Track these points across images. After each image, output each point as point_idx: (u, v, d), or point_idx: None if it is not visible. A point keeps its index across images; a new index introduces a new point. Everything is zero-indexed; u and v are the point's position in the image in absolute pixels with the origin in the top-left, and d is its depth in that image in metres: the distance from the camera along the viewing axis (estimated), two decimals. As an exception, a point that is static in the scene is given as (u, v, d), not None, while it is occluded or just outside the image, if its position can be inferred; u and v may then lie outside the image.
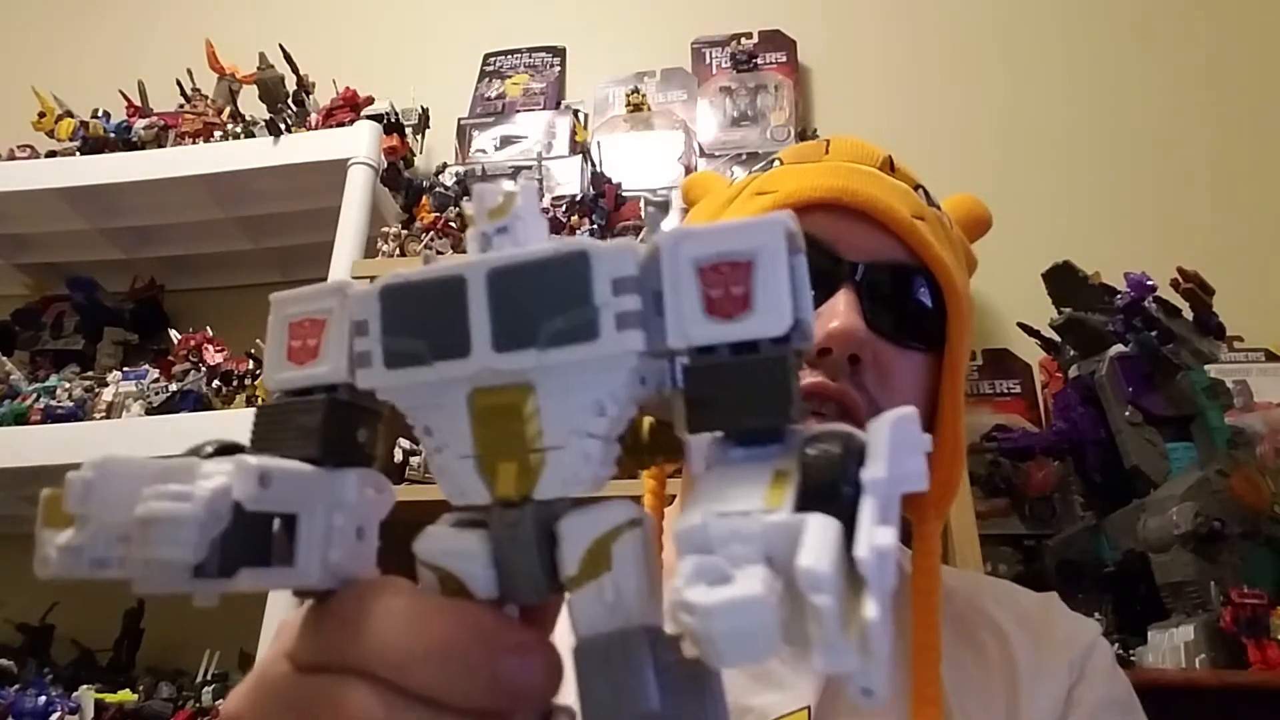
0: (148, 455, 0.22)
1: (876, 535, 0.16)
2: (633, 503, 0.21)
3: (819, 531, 0.16)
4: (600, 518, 0.21)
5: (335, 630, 0.22)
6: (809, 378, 0.53)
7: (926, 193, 0.63)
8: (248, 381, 1.36)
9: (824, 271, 0.56)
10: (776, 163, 0.66)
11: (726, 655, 0.16)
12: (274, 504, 0.21)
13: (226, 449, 0.22)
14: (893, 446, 0.17)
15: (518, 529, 0.21)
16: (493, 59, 1.86)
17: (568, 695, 0.21)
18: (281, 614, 1.14)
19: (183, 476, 0.20)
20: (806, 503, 0.18)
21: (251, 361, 1.36)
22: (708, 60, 1.76)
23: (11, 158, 1.65)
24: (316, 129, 1.57)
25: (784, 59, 1.73)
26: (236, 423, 1.29)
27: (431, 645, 0.20)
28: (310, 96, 1.63)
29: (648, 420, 0.25)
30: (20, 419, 1.36)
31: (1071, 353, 1.30)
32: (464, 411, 0.22)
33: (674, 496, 0.63)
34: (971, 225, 0.70)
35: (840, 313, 0.54)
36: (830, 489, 0.18)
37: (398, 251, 1.37)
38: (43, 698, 1.19)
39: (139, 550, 0.19)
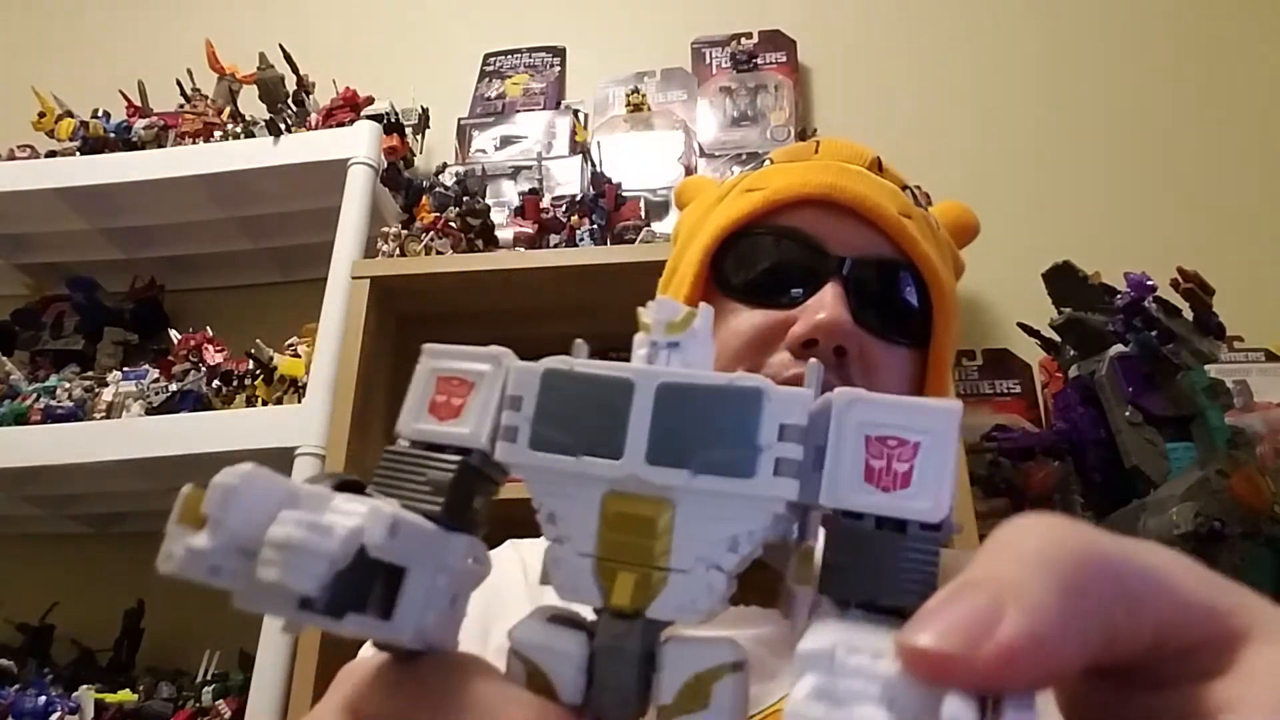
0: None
1: None
2: (739, 645, 0.21)
3: (961, 699, 0.16)
4: (707, 653, 0.20)
5: (410, 699, 0.21)
6: (792, 369, 0.54)
7: (914, 193, 0.64)
8: (248, 381, 1.36)
9: (812, 266, 0.57)
10: (768, 162, 0.67)
11: None
12: (393, 554, 0.20)
13: (346, 485, 0.22)
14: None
15: (624, 641, 0.21)
16: (493, 59, 1.86)
17: None
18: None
19: (314, 506, 0.20)
20: None
21: (251, 361, 1.36)
22: (708, 60, 1.76)
23: (11, 158, 1.65)
24: (316, 129, 1.57)
25: (784, 59, 1.73)
26: (237, 422, 1.29)
27: None
28: (310, 96, 1.63)
29: None
30: (20, 419, 1.36)
31: (1071, 353, 1.30)
32: (595, 510, 0.22)
33: None
34: (960, 231, 0.71)
35: (827, 304, 0.54)
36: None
37: (398, 251, 1.37)
38: (43, 698, 1.19)
39: (265, 571, 0.19)
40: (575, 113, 1.70)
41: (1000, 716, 0.16)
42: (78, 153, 1.62)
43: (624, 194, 1.44)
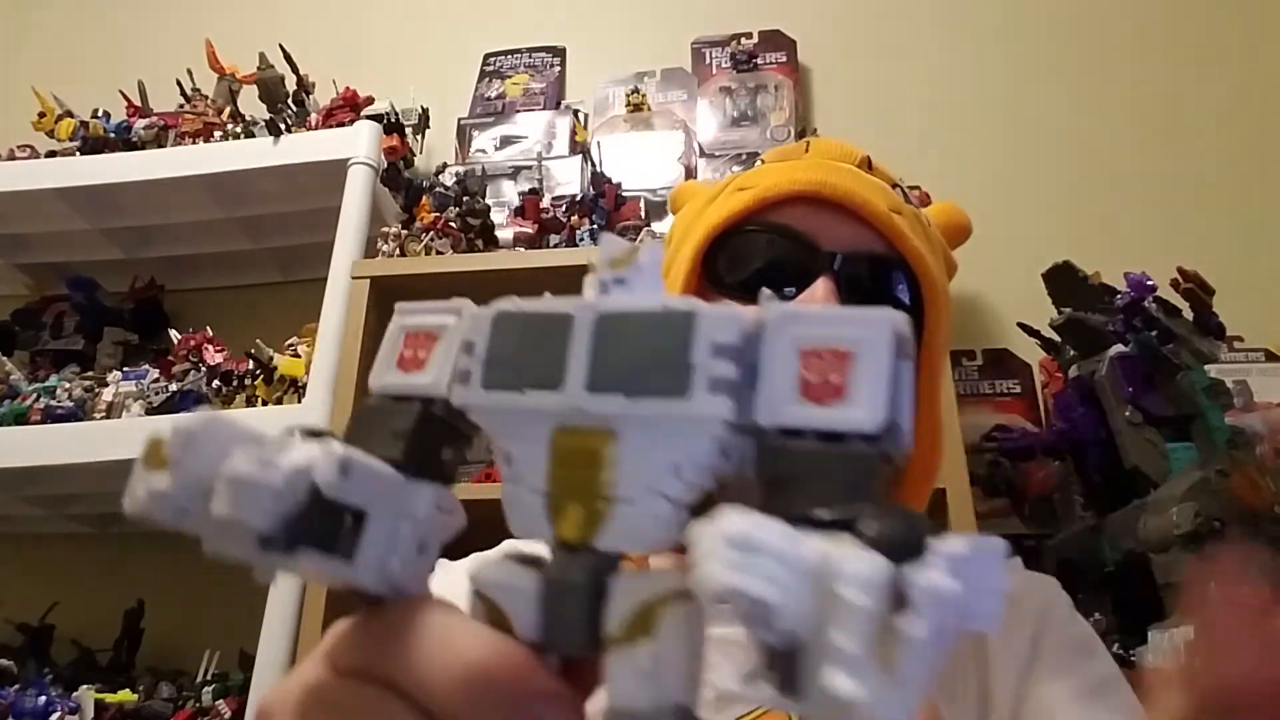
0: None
1: (937, 575, 0.15)
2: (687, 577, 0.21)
3: (871, 556, 0.16)
4: (655, 582, 0.20)
5: (376, 639, 0.22)
6: None
7: (904, 191, 0.65)
8: (248, 381, 1.36)
9: (803, 262, 0.58)
10: (759, 162, 0.68)
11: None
12: (350, 495, 0.21)
13: (316, 434, 0.22)
14: (967, 563, 0.16)
15: (570, 574, 0.21)
16: (493, 59, 1.86)
17: None
18: (282, 613, 1.14)
19: (273, 448, 0.21)
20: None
21: (251, 361, 1.36)
22: (708, 60, 1.76)
23: (11, 158, 1.65)
24: (316, 129, 1.57)
25: (784, 59, 1.73)
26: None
27: (461, 670, 0.20)
28: (310, 96, 1.63)
29: None
30: (20, 419, 1.36)
31: (1071, 353, 1.30)
32: (545, 448, 0.22)
33: None
34: (952, 231, 0.71)
35: (819, 298, 0.55)
36: (890, 546, 0.17)
37: (398, 252, 1.37)
38: (43, 698, 1.19)
39: (217, 505, 0.20)
40: (575, 113, 1.70)
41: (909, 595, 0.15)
42: (78, 153, 1.62)
43: (624, 194, 1.44)
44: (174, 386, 1.38)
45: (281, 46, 1.61)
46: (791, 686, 0.17)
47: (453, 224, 1.38)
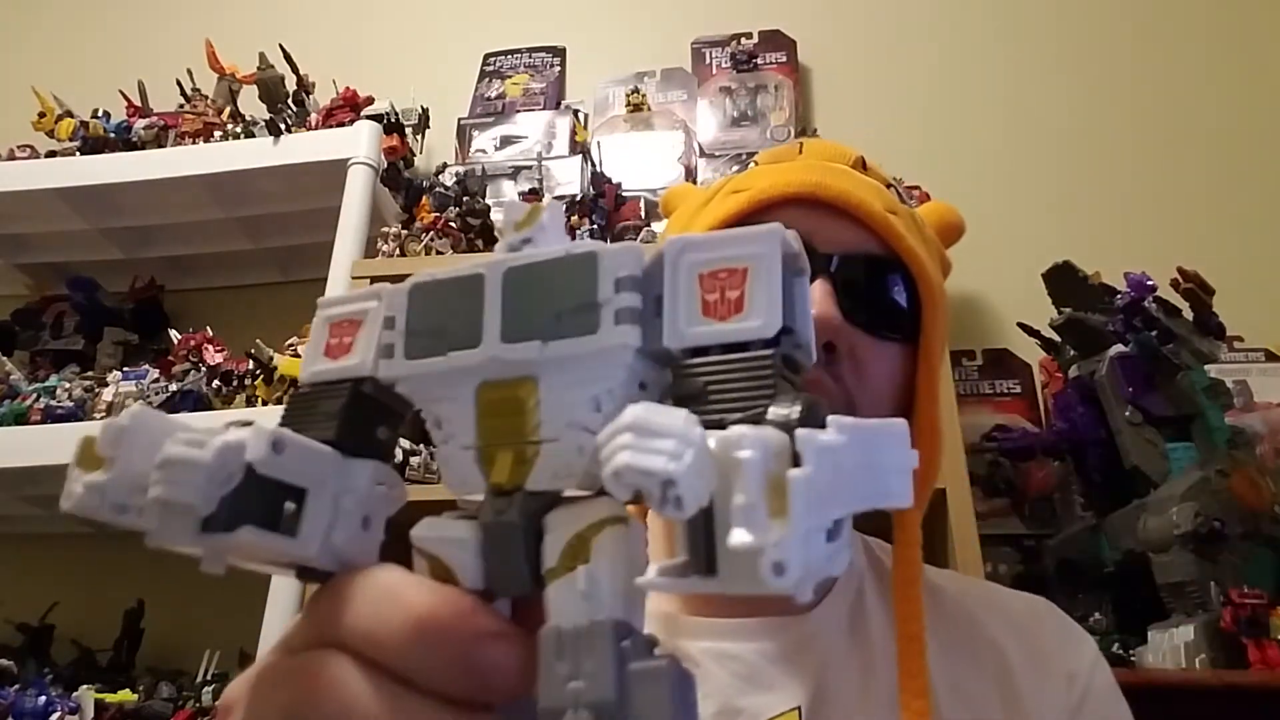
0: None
1: (824, 434, 0.17)
2: (619, 503, 0.20)
3: (761, 430, 0.17)
4: (585, 511, 0.21)
5: (324, 608, 0.22)
6: None
7: (899, 191, 0.64)
8: (248, 381, 1.36)
9: None
10: (753, 164, 0.67)
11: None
12: (285, 473, 0.21)
13: (247, 424, 0.23)
14: (864, 438, 0.18)
15: (506, 515, 0.21)
16: (493, 59, 1.86)
17: None
18: (282, 613, 1.14)
19: (205, 435, 0.21)
20: None
21: (251, 361, 1.35)
22: (708, 60, 1.76)
23: (11, 158, 1.65)
24: (316, 129, 1.57)
25: (784, 59, 1.73)
26: (236, 423, 1.29)
27: (406, 621, 0.21)
28: (310, 96, 1.63)
29: None
30: (20, 419, 1.36)
31: (1071, 353, 1.30)
32: (471, 404, 0.23)
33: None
34: (945, 231, 0.71)
35: (816, 301, 0.54)
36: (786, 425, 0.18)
37: (398, 251, 1.37)
38: (43, 698, 1.19)
39: (153, 490, 0.20)
40: (575, 113, 1.70)
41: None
42: (78, 153, 1.62)
43: (624, 194, 1.44)
44: (174, 386, 1.38)
45: (281, 46, 1.61)
46: (712, 567, 0.17)
47: (453, 224, 1.38)
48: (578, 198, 1.45)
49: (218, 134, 1.60)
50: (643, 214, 1.42)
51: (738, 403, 0.20)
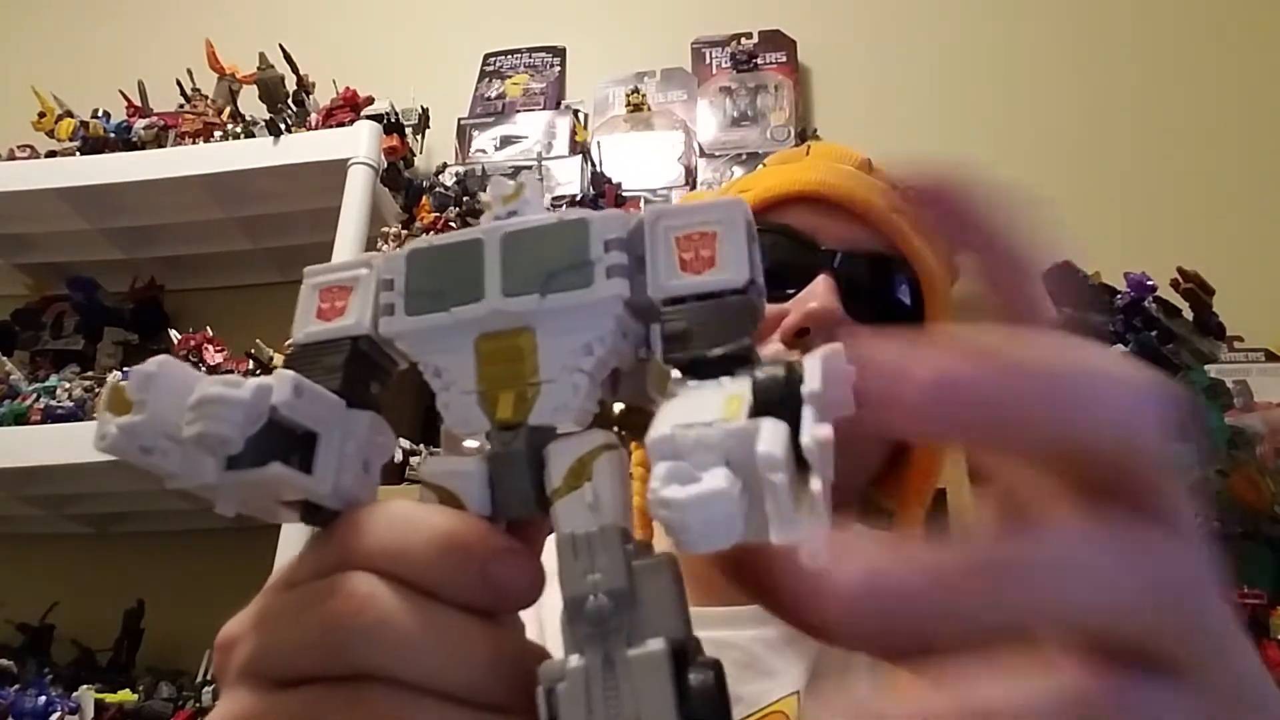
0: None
1: (817, 430, 0.19)
2: (610, 433, 0.24)
3: (772, 428, 0.20)
4: (583, 440, 0.24)
5: (337, 535, 0.24)
6: (785, 358, 0.54)
7: (905, 193, 0.64)
8: (248, 381, 1.36)
9: (804, 261, 0.58)
10: (762, 166, 0.69)
11: (699, 543, 0.19)
12: (302, 415, 0.23)
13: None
14: (825, 372, 0.21)
15: (512, 445, 0.24)
16: (493, 59, 1.86)
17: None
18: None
19: (232, 379, 0.23)
20: (757, 415, 0.21)
21: (251, 361, 1.36)
22: (708, 60, 1.76)
23: (11, 158, 1.65)
24: (316, 129, 1.57)
25: (784, 59, 1.73)
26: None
27: (432, 539, 0.23)
28: (310, 96, 1.63)
29: (618, 405, 0.28)
30: (20, 419, 1.36)
31: (1071, 353, 1.30)
32: (471, 353, 0.25)
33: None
34: None
35: (819, 294, 0.55)
36: (777, 403, 0.21)
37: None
38: (43, 698, 1.19)
39: (189, 429, 0.22)
40: (575, 113, 1.70)
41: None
42: (78, 153, 1.62)
43: (624, 194, 1.44)
44: (174, 386, 1.38)
45: (281, 46, 1.61)
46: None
47: (453, 224, 1.38)
48: (578, 197, 1.45)
49: (218, 134, 1.60)
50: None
51: (719, 338, 0.23)
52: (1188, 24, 1.69)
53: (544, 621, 0.29)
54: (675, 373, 0.24)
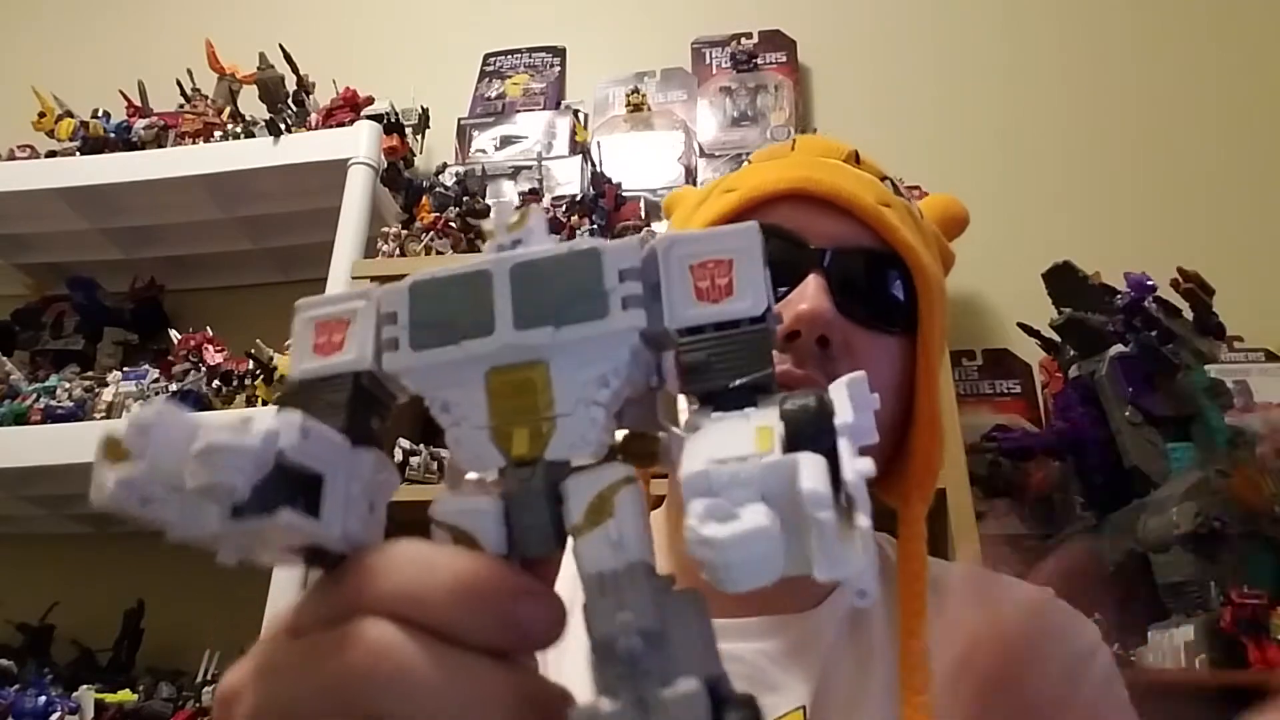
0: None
1: (857, 464, 0.19)
2: (627, 466, 0.23)
3: (813, 464, 0.19)
4: (602, 475, 0.23)
5: (348, 580, 0.23)
6: (776, 365, 0.53)
7: (894, 184, 0.63)
8: (248, 381, 1.36)
9: (793, 260, 0.56)
10: (747, 162, 0.67)
11: (740, 581, 0.19)
12: (308, 458, 0.22)
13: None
14: (854, 402, 0.21)
15: (530, 483, 0.23)
16: (493, 59, 1.86)
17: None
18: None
19: (236, 423, 0.22)
20: (791, 448, 0.20)
21: (251, 361, 1.35)
22: (708, 60, 1.76)
23: (11, 158, 1.65)
24: (316, 129, 1.57)
25: (784, 59, 1.73)
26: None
27: (449, 583, 0.22)
28: (310, 96, 1.63)
29: (620, 432, 0.27)
30: (20, 419, 1.36)
31: (1071, 353, 1.30)
32: (481, 388, 0.24)
33: (661, 497, 0.63)
34: (948, 223, 0.70)
35: (809, 296, 0.54)
36: (811, 435, 0.20)
37: (398, 251, 1.37)
38: (43, 698, 1.19)
39: (193, 480, 0.21)
40: (575, 113, 1.70)
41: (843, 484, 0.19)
42: (78, 153, 1.62)
43: (624, 194, 1.44)
44: (174, 386, 1.38)
45: (281, 46, 1.61)
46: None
47: (453, 224, 1.38)
48: (578, 198, 1.45)
49: (218, 134, 1.60)
50: (643, 214, 1.42)
51: (740, 368, 0.23)
52: (1187, 24, 1.69)
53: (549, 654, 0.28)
54: (683, 400, 0.23)
